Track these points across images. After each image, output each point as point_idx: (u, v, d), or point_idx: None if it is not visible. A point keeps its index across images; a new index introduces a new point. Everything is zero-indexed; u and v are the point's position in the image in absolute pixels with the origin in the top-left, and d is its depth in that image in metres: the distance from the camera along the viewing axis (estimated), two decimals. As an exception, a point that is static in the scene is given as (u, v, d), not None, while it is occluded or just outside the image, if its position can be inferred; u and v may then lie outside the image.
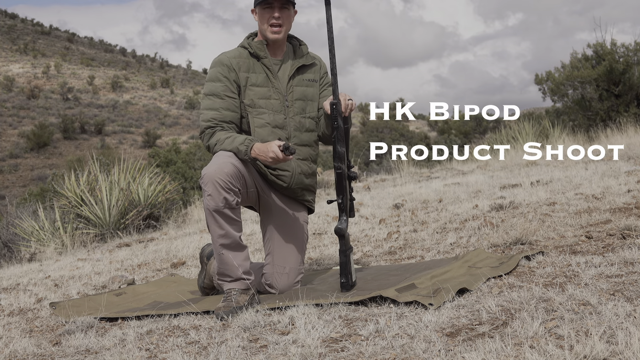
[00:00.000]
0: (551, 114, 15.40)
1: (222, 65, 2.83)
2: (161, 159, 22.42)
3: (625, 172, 5.33)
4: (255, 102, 2.83)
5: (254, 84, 2.84)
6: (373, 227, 4.44)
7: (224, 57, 2.86)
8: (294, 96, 2.90)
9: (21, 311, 3.31)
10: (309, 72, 2.96)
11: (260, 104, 2.83)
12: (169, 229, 6.81)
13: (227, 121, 2.80)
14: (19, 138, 45.84)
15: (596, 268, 2.45)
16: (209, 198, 2.62)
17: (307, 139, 2.94)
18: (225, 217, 2.64)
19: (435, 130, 49.10)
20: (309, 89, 2.95)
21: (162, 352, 2.18)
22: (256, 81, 2.85)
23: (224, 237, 2.66)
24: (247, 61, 2.86)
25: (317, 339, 2.04)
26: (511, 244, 3.16)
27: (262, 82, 2.85)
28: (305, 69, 2.95)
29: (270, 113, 2.84)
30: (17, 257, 6.68)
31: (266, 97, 2.84)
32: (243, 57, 2.86)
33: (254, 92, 2.84)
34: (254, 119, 2.83)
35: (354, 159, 13.92)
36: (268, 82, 2.86)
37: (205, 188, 2.63)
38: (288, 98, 2.88)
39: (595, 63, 13.84)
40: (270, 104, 2.84)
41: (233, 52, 2.89)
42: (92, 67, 78.38)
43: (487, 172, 7.69)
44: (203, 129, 2.81)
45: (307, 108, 2.94)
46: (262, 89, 2.85)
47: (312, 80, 2.97)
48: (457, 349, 1.80)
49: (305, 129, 2.92)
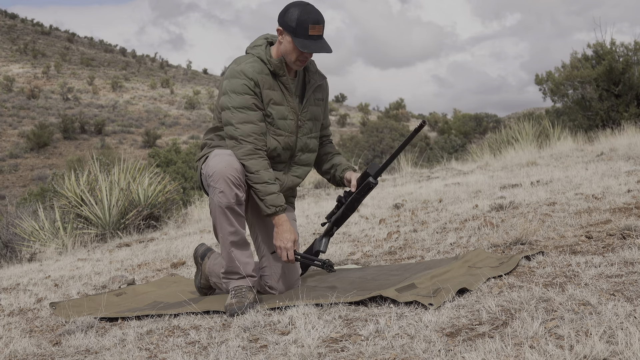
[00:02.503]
0: (551, 114, 15.40)
1: (247, 78, 2.69)
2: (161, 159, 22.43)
3: (625, 172, 5.33)
4: (276, 121, 2.76)
5: (275, 102, 2.76)
6: (373, 227, 4.44)
7: (248, 70, 2.70)
8: (307, 116, 2.85)
9: (21, 311, 3.31)
10: (318, 91, 2.91)
11: (279, 124, 2.77)
12: (169, 229, 6.81)
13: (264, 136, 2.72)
14: (19, 138, 45.84)
15: (596, 268, 2.45)
16: (221, 195, 2.60)
17: (307, 159, 2.92)
18: (235, 214, 2.64)
19: (435, 130, 49.13)
20: (318, 108, 2.91)
21: (162, 352, 2.18)
22: (276, 99, 2.76)
23: (234, 234, 2.66)
24: (268, 78, 2.74)
25: (317, 339, 2.04)
26: (511, 244, 3.16)
27: (280, 100, 2.77)
28: (317, 87, 2.91)
29: (285, 135, 2.79)
30: (17, 257, 6.68)
31: (284, 116, 2.77)
32: (264, 73, 2.73)
33: (276, 111, 2.75)
34: (271, 139, 2.77)
35: (354, 159, 13.92)
36: (284, 100, 2.78)
37: (217, 185, 2.60)
38: (301, 118, 2.83)
39: (595, 63, 13.84)
40: (287, 124, 2.78)
41: (256, 66, 2.72)
42: (92, 67, 78.37)
43: (487, 172, 7.69)
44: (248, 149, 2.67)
45: (314, 128, 2.90)
46: (280, 107, 2.77)
47: (320, 99, 2.92)
48: (457, 349, 1.80)
49: (308, 150, 2.90)
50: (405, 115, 57.00)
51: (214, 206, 2.65)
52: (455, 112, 46.66)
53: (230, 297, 2.64)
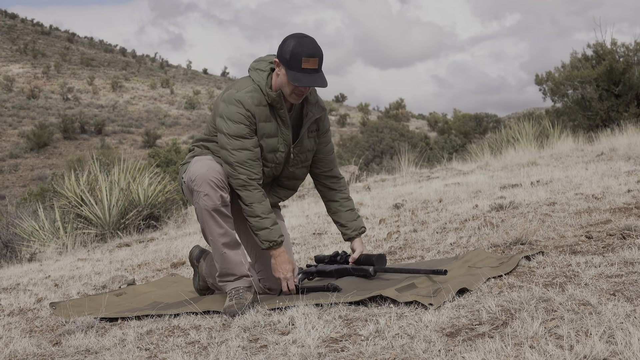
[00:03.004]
0: (551, 114, 15.39)
1: (244, 109, 2.63)
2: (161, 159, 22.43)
3: (625, 172, 5.33)
4: (265, 154, 2.72)
5: (267, 134, 2.70)
6: (373, 227, 4.44)
7: (247, 102, 2.64)
8: (300, 149, 2.80)
9: (21, 311, 3.31)
10: (314, 123, 2.84)
11: (268, 157, 2.73)
12: (169, 229, 6.81)
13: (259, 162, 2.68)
14: (19, 138, 45.85)
15: (596, 268, 2.45)
16: (206, 198, 2.60)
17: (292, 185, 2.90)
18: (223, 215, 2.63)
19: (435, 130, 49.11)
20: (311, 140, 2.85)
21: (162, 352, 2.18)
22: (269, 131, 2.70)
23: (224, 235, 2.65)
24: (265, 109, 2.68)
25: (317, 339, 2.04)
26: (511, 244, 3.16)
27: (274, 132, 2.71)
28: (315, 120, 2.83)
29: (272, 167, 2.76)
30: (17, 257, 6.68)
31: (274, 149, 2.73)
32: (262, 105, 2.67)
33: (266, 144, 2.71)
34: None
35: (354, 160, 13.91)
36: (278, 131, 2.72)
37: (200, 189, 2.60)
38: (294, 151, 2.79)
39: (595, 63, 13.84)
40: (276, 157, 2.74)
41: (255, 98, 2.66)
42: (92, 67, 78.37)
43: (487, 172, 7.69)
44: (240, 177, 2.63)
45: (306, 159, 2.85)
46: (272, 139, 2.72)
47: (315, 130, 2.85)
48: (457, 349, 1.80)
49: (294, 177, 2.87)
50: (405, 115, 56.98)
51: (200, 210, 2.63)
52: (455, 112, 46.65)
53: (229, 299, 2.63)
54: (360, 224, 2.95)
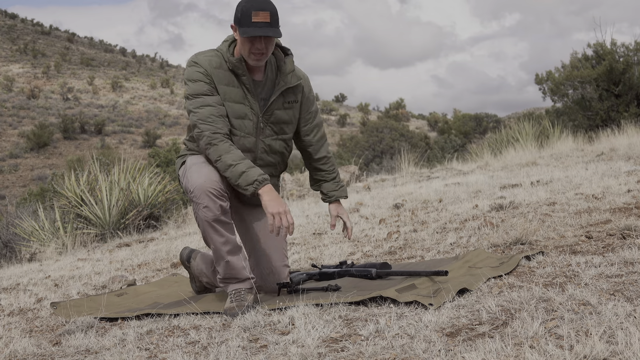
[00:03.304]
0: (551, 114, 15.40)
1: (202, 68, 2.62)
2: (161, 159, 22.44)
3: (625, 172, 5.33)
4: (231, 120, 2.66)
5: (232, 99, 2.65)
6: (373, 227, 4.44)
7: (203, 61, 2.63)
8: (270, 119, 2.73)
9: (21, 311, 3.31)
10: (290, 94, 2.76)
11: (235, 124, 2.66)
12: (169, 229, 6.81)
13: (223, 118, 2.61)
14: (19, 138, 45.86)
15: (596, 268, 2.45)
16: (206, 210, 2.55)
17: (273, 160, 2.82)
18: (223, 224, 2.60)
19: (435, 130, 49.12)
20: (288, 111, 2.77)
21: (162, 352, 2.18)
22: (234, 97, 2.65)
23: (226, 243, 2.62)
24: (226, 73, 2.64)
25: (317, 339, 2.04)
26: (511, 244, 3.16)
27: (240, 99, 2.66)
28: (288, 90, 2.75)
29: (241, 136, 2.68)
30: (17, 257, 6.69)
31: (241, 116, 2.67)
32: (223, 69, 2.64)
33: (231, 109, 2.65)
34: None
35: (354, 160, 13.91)
36: (245, 99, 2.66)
37: (200, 200, 2.55)
38: (263, 120, 2.71)
39: (595, 63, 13.84)
40: (244, 124, 2.68)
41: (213, 60, 2.64)
42: (92, 67, 78.37)
43: (487, 172, 7.70)
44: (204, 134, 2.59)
45: (282, 131, 2.78)
46: (239, 105, 2.66)
47: (292, 101, 2.77)
48: (457, 349, 1.80)
49: (272, 151, 2.79)
50: (405, 115, 57.01)
51: (201, 220, 2.59)
52: (455, 112, 46.68)
53: (230, 301, 2.62)
54: (343, 194, 2.93)
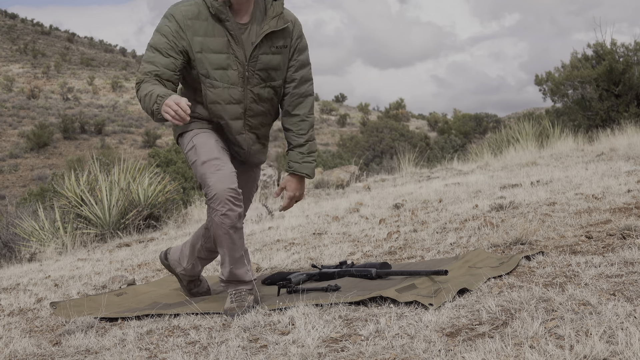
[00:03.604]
0: (551, 114, 15.40)
1: (175, 22, 2.53)
2: (161, 159, 22.42)
3: (625, 172, 5.33)
4: (210, 73, 2.55)
5: (211, 50, 2.54)
6: (373, 227, 4.44)
7: (178, 14, 2.53)
8: (257, 66, 2.60)
9: (21, 311, 3.31)
10: (279, 38, 2.61)
11: (215, 75, 2.56)
12: (169, 229, 6.81)
13: (165, 78, 2.55)
14: (19, 138, 45.85)
15: (596, 268, 2.45)
16: (224, 217, 2.51)
17: (263, 108, 2.68)
18: (237, 230, 2.59)
19: (435, 130, 49.11)
20: (277, 56, 2.63)
21: (162, 352, 2.18)
22: (214, 47, 2.54)
23: (237, 249, 2.62)
24: (204, 23, 2.53)
25: (317, 339, 2.04)
26: (511, 244, 3.16)
27: (221, 48, 2.55)
28: (275, 34, 2.60)
29: (224, 87, 2.57)
30: (17, 257, 6.68)
31: (223, 66, 2.56)
32: (202, 19, 2.53)
33: (210, 61, 2.55)
34: (207, 93, 2.59)
35: (354, 160, 13.90)
36: (228, 48, 2.55)
37: (219, 207, 2.50)
38: (249, 68, 2.58)
39: (595, 63, 13.84)
40: (227, 75, 2.56)
41: (190, 11, 2.53)
42: (92, 67, 78.37)
43: (487, 172, 7.70)
44: (138, 80, 2.57)
45: (270, 77, 2.64)
46: (219, 56, 2.55)
47: (281, 46, 2.63)
48: (457, 349, 1.80)
49: (262, 100, 2.66)
50: (405, 115, 56.99)
51: (216, 227, 2.54)
52: (455, 112, 46.67)
53: (230, 301, 2.62)
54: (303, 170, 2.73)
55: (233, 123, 2.66)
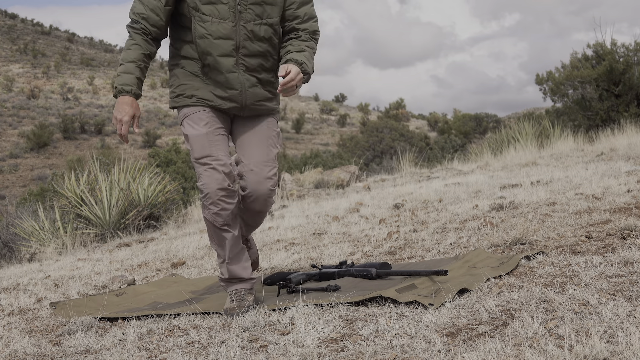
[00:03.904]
0: (551, 114, 15.40)
1: None
2: (161, 159, 22.43)
3: (625, 172, 5.33)
4: (200, 6, 2.49)
5: None
6: (373, 227, 4.44)
7: None
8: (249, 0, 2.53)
9: (21, 311, 3.31)
10: None
11: (204, 9, 2.49)
12: (169, 229, 6.81)
13: (151, 24, 2.53)
14: (19, 138, 45.86)
15: (596, 268, 2.45)
16: (215, 215, 2.54)
17: (260, 48, 2.57)
18: (230, 226, 2.61)
19: (435, 130, 49.12)
20: None
21: (162, 352, 2.18)
22: None
23: (231, 246, 2.63)
24: None
25: (317, 339, 2.04)
26: (511, 244, 3.16)
27: None
28: None
29: (213, 21, 2.49)
30: (17, 257, 6.68)
31: (212, 0, 2.50)
32: None
33: None
34: (196, 26, 2.51)
35: (354, 160, 13.90)
36: None
37: (211, 206, 2.53)
38: (241, 2, 2.51)
39: (595, 63, 13.84)
40: (216, 9, 2.49)
41: None
42: (92, 67, 78.37)
43: (487, 172, 7.69)
44: (130, 22, 2.56)
45: (265, 13, 2.55)
46: None
47: None
48: (457, 349, 1.80)
49: (258, 38, 2.55)
50: (405, 115, 57.01)
51: (209, 223, 2.59)
52: (455, 112, 46.69)
53: (230, 301, 2.62)
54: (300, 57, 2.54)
55: (222, 60, 2.53)
